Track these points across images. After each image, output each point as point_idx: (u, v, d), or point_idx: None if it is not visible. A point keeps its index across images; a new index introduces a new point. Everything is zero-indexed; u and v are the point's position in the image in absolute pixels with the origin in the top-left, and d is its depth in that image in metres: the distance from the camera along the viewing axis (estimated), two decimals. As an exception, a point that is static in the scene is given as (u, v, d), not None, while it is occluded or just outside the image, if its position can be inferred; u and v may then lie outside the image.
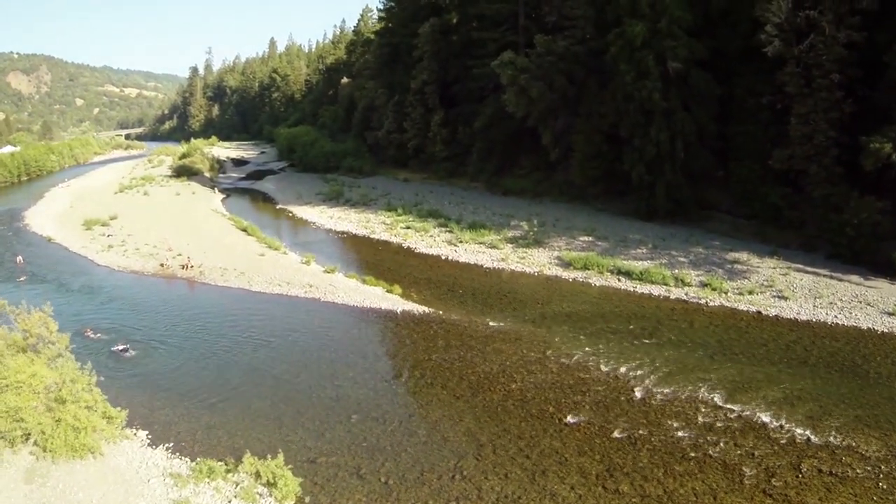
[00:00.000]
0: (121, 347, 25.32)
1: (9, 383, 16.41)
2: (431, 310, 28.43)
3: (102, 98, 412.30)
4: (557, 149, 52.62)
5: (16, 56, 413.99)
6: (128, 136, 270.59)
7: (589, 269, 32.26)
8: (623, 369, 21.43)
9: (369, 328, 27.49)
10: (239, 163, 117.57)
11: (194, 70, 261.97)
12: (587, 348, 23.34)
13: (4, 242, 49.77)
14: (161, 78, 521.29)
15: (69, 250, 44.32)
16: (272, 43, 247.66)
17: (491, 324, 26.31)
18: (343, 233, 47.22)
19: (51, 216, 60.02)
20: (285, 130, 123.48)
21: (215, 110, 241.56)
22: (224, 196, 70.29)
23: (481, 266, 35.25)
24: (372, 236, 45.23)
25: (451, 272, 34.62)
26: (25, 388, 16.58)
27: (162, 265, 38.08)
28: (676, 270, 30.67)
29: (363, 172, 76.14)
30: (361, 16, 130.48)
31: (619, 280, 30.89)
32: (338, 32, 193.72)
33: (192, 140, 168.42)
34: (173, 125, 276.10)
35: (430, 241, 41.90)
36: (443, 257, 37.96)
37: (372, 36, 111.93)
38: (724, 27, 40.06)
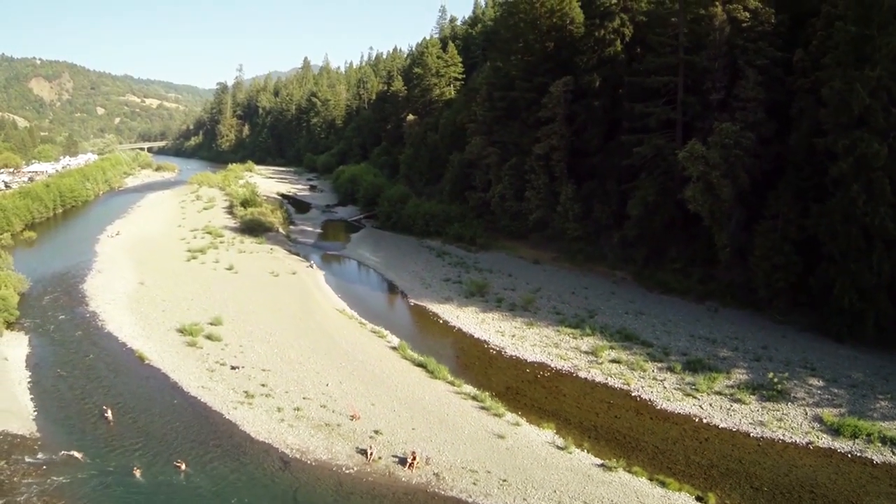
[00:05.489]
0: None
1: None
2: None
3: (124, 108, 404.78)
4: (729, 248, 45.33)
5: (38, 62, 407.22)
6: (150, 150, 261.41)
7: (857, 438, 28.47)
8: None
9: None
10: (298, 204, 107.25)
11: (223, 86, 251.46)
12: None
13: (78, 355, 38.37)
14: (181, 89, 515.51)
15: (183, 390, 32.69)
16: (306, 63, 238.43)
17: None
18: (539, 366, 36.53)
19: (122, 300, 49.06)
20: (347, 169, 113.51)
21: (246, 130, 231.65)
22: (323, 272, 59.65)
23: (747, 434, 29.35)
24: (579, 374, 35.12)
25: (723, 449, 28.35)
26: None
27: (365, 453, 26.62)
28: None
29: (475, 244, 65.47)
30: (427, 48, 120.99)
31: (894, 454, 27.44)
32: (373, 56, 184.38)
33: (230, 165, 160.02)
34: (199, 141, 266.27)
35: (659, 388, 33.65)
36: (694, 418, 30.86)
37: (451, 73, 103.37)
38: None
